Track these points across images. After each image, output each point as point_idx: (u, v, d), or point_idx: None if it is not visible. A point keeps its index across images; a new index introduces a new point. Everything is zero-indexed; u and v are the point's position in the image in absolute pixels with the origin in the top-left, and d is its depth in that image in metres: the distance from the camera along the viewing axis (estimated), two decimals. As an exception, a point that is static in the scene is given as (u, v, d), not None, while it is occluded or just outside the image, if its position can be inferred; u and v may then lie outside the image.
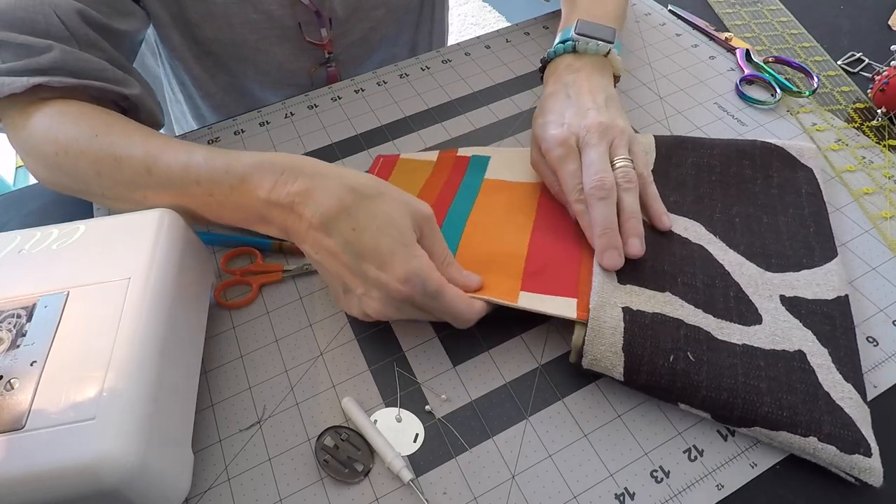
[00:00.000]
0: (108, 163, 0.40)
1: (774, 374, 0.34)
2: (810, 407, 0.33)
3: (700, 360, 0.35)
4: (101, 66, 0.45)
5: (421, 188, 0.48)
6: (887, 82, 0.51)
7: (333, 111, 0.56)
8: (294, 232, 0.37)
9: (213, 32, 0.58)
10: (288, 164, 0.37)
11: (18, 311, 0.32)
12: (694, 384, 0.34)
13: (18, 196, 0.52)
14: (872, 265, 0.42)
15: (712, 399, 0.34)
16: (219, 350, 0.40)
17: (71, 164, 0.41)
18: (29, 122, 0.43)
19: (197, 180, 0.38)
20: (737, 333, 0.36)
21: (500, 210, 0.45)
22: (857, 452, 0.32)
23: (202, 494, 0.34)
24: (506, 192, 0.47)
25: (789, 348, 0.36)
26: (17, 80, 0.42)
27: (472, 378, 0.38)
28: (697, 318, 0.37)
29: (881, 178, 0.48)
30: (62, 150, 0.41)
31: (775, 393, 0.33)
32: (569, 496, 0.33)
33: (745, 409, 0.33)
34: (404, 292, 0.34)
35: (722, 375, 0.34)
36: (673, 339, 0.35)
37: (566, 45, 0.48)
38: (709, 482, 0.33)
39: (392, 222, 0.35)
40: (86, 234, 0.36)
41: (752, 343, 0.36)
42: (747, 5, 0.67)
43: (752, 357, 0.35)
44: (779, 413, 0.33)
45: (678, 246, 0.41)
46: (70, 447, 0.27)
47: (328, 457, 0.34)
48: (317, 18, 0.60)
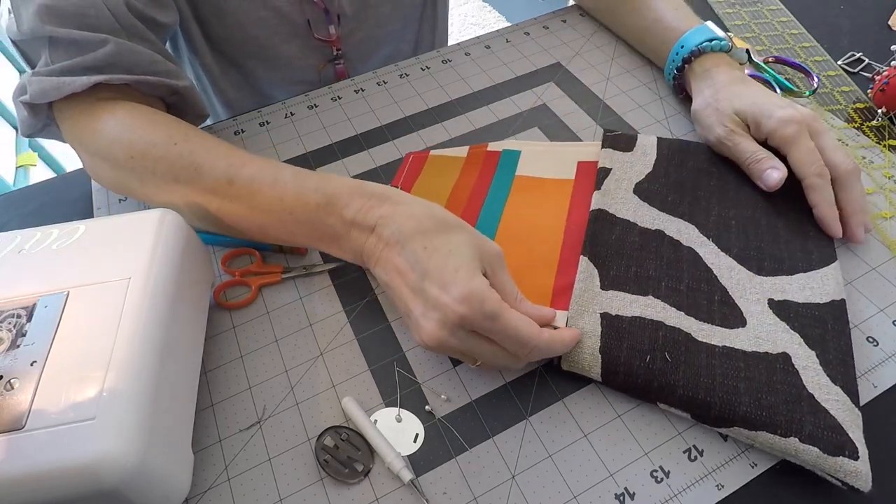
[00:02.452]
0: (188, 170, 0.40)
1: (754, 375, 0.34)
2: (791, 408, 0.33)
3: (677, 360, 0.35)
4: (152, 58, 0.45)
5: (452, 187, 0.48)
6: (887, 82, 0.51)
7: (333, 111, 0.56)
8: (369, 254, 0.37)
9: (223, 29, 0.58)
10: (378, 191, 0.37)
11: (18, 311, 0.32)
12: (671, 383, 0.34)
13: (18, 196, 0.52)
14: (872, 265, 0.42)
15: (689, 398, 0.34)
16: (219, 350, 0.40)
17: (146, 167, 0.41)
18: (96, 123, 0.43)
19: (282, 196, 0.38)
20: (717, 335, 0.37)
21: (531, 210, 0.46)
22: (842, 455, 0.31)
23: (202, 494, 0.34)
24: (537, 189, 0.48)
25: (772, 350, 0.36)
26: (76, 79, 0.41)
27: (472, 378, 0.38)
28: (678, 320, 0.37)
29: (881, 178, 0.48)
30: (139, 155, 0.41)
31: (754, 393, 0.34)
32: (569, 496, 0.33)
33: (722, 408, 0.33)
34: (460, 312, 0.32)
35: (699, 375, 0.34)
36: (651, 340, 0.36)
37: (721, 43, 0.51)
38: (709, 482, 0.33)
39: (463, 252, 0.34)
40: (86, 234, 0.36)
41: (733, 345, 0.36)
42: (747, 5, 0.67)
43: (732, 358, 0.35)
44: (758, 413, 0.33)
45: (668, 249, 0.41)
46: (70, 447, 0.27)
47: (328, 457, 0.34)
48: (325, 15, 0.61)
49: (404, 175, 0.49)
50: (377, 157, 0.52)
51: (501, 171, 0.49)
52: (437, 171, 0.50)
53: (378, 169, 0.51)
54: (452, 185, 0.48)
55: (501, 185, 0.48)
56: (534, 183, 0.48)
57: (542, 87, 0.57)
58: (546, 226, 0.44)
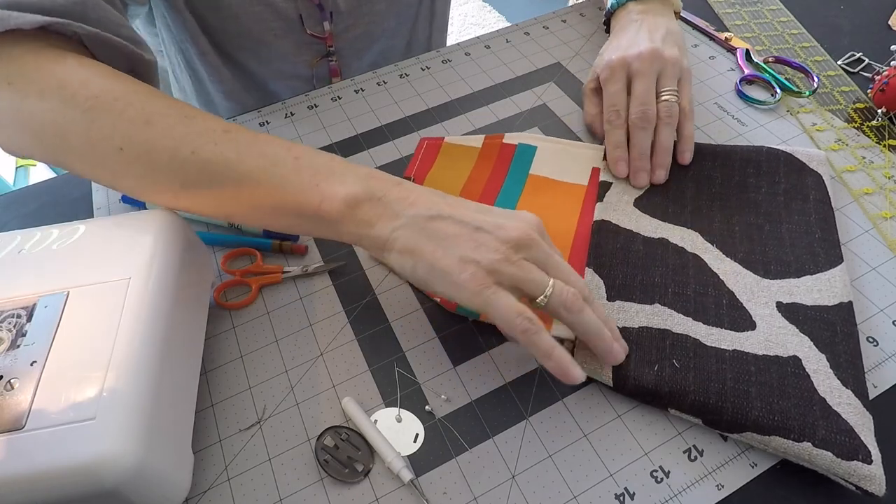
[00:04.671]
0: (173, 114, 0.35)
1: (765, 379, 0.34)
2: (803, 412, 0.33)
3: (686, 366, 0.35)
4: (119, 20, 0.40)
5: (466, 178, 0.48)
6: (887, 82, 0.51)
7: (333, 111, 0.56)
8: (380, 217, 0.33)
9: (218, 22, 0.59)
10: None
11: (18, 311, 0.32)
12: (681, 390, 0.34)
13: (18, 196, 0.52)
14: (872, 265, 0.42)
15: (700, 404, 0.34)
16: (219, 350, 0.40)
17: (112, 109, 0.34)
18: (44, 61, 0.36)
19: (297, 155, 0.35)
20: (727, 339, 0.36)
21: (542, 212, 0.43)
22: (856, 459, 0.31)
23: (202, 494, 0.34)
24: (549, 191, 0.47)
25: (783, 353, 0.35)
26: (25, 15, 0.34)
27: (472, 378, 0.38)
28: (686, 326, 0.37)
29: (881, 178, 0.48)
30: (104, 92, 0.35)
31: (766, 398, 0.33)
32: (569, 496, 0.33)
33: (734, 413, 0.33)
34: (523, 228, 0.31)
35: (709, 380, 0.34)
36: (658, 349, 0.36)
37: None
38: (709, 482, 0.33)
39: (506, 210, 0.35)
40: (86, 234, 0.36)
41: (743, 349, 0.36)
42: (747, 5, 0.67)
43: (743, 362, 0.35)
44: (770, 418, 0.33)
45: (673, 255, 0.41)
46: (70, 447, 0.27)
47: (328, 457, 0.34)
48: (319, 12, 0.61)
49: (418, 163, 0.50)
50: (377, 157, 0.52)
51: (516, 168, 0.49)
52: (452, 162, 0.50)
53: (378, 169, 0.51)
54: (466, 177, 0.48)
55: (515, 182, 0.48)
56: (547, 184, 0.48)
57: (542, 87, 0.57)
58: (556, 230, 0.44)
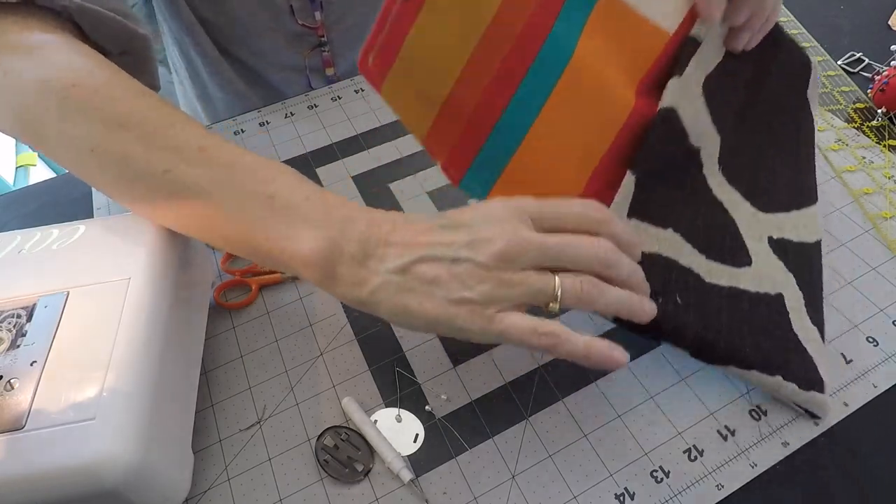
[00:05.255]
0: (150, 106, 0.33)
1: (754, 318, 0.35)
2: (781, 349, 0.35)
3: (687, 303, 0.35)
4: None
5: (487, 25, 0.31)
6: (887, 82, 0.51)
7: (333, 111, 0.56)
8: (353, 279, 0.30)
9: (210, 13, 0.59)
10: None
11: (18, 311, 0.32)
12: (682, 325, 0.34)
13: (18, 196, 0.52)
14: (872, 265, 0.42)
15: (697, 339, 0.34)
16: (219, 350, 0.40)
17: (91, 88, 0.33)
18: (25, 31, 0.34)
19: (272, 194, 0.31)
20: (725, 276, 0.37)
21: (605, 65, 0.34)
22: (813, 389, 0.34)
23: (202, 494, 0.34)
24: (623, 30, 0.35)
25: (771, 291, 0.36)
26: None
27: (472, 378, 0.38)
28: (691, 258, 0.36)
29: (881, 178, 0.48)
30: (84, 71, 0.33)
31: (755, 335, 0.35)
32: (569, 496, 0.33)
33: (726, 349, 0.34)
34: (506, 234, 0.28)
35: (709, 317, 0.35)
36: (664, 281, 0.35)
37: None
38: (709, 482, 0.33)
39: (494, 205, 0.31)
40: (86, 234, 0.36)
41: (739, 286, 0.36)
42: (747, 5, 0.67)
43: (738, 300, 0.36)
44: (754, 354, 0.34)
45: (694, 175, 0.39)
46: (70, 447, 0.27)
47: (328, 457, 0.34)
48: (310, 2, 0.60)
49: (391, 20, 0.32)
50: (377, 156, 0.52)
51: None
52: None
53: (378, 169, 0.51)
54: (490, 18, 0.31)
55: (578, 7, 0.33)
56: (623, 14, 0.34)
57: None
58: (611, 98, 0.34)
